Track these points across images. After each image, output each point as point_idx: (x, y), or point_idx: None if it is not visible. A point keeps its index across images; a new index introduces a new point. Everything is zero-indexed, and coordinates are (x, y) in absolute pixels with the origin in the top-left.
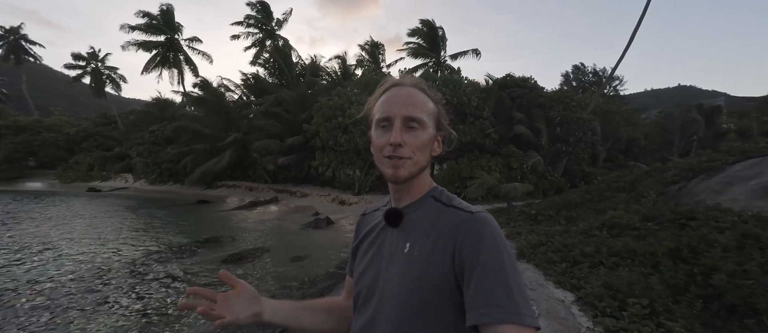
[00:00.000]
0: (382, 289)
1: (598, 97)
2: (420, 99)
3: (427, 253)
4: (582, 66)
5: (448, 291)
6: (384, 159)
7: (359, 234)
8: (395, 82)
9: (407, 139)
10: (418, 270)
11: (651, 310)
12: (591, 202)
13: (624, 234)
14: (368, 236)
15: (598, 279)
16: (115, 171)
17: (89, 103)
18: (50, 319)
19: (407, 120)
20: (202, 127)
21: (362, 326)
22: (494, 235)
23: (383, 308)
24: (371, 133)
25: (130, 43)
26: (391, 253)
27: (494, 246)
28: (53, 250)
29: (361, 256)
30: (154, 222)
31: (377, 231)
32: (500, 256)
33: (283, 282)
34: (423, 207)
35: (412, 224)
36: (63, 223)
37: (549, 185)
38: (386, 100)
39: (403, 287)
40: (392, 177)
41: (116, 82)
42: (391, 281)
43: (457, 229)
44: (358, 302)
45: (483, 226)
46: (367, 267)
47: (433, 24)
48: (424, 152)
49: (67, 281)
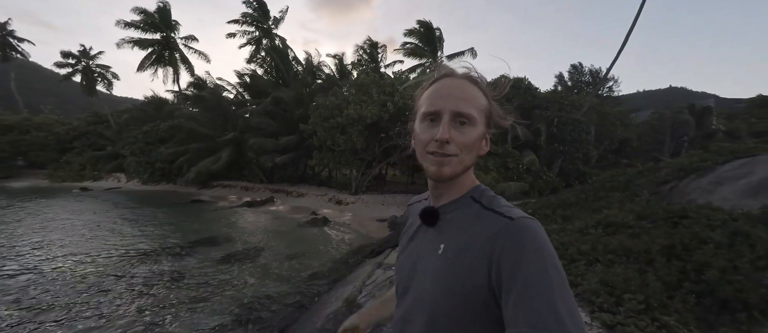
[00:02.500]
0: (416, 286)
1: (592, 98)
2: (472, 93)
3: (462, 258)
4: (580, 65)
5: (482, 302)
6: (427, 155)
7: (405, 224)
8: (447, 72)
9: (455, 136)
10: (451, 274)
11: (646, 305)
12: (586, 201)
13: (619, 232)
14: (410, 229)
15: (594, 276)
16: (108, 170)
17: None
18: (42, 323)
19: (456, 115)
20: (198, 126)
21: (399, 318)
22: (538, 245)
23: (417, 306)
24: (414, 126)
25: (125, 41)
26: (427, 253)
27: (537, 258)
28: (42, 251)
29: (402, 248)
30: (148, 222)
31: (416, 227)
32: (545, 269)
33: (281, 280)
34: (461, 207)
35: (448, 225)
36: (53, 223)
37: (545, 184)
38: (435, 92)
39: (435, 289)
40: (435, 175)
41: (108, 80)
42: (425, 281)
43: (495, 237)
44: (397, 292)
45: (524, 234)
46: (404, 261)
47: (430, 24)
48: (472, 151)
49: (57, 284)
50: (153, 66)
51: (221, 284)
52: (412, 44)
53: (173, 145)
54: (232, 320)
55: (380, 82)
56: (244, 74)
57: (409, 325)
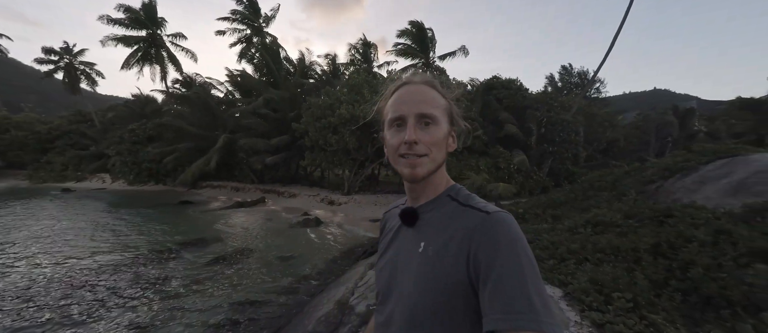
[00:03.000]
0: (397, 287)
1: (581, 99)
2: (431, 95)
3: (442, 254)
4: (570, 67)
5: (463, 294)
6: (399, 158)
7: (382, 232)
8: (405, 81)
9: (422, 137)
10: (432, 271)
11: (634, 303)
12: (575, 200)
13: (607, 231)
14: (388, 234)
15: (584, 275)
16: (91, 171)
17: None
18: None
19: (420, 117)
20: (186, 126)
21: (380, 324)
22: (512, 237)
23: (398, 307)
24: (384, 134)
25: (109, 38)
26: (406, 252)
27: (512, 249)
28: (23, 254)
29: (381, 254)
30: (135, 223)
31: (395, 229)
32: (518, 259)
33: (271, 282)
34: (439, 206)
35: (427, 224)
36: (35, 225)
37: (535, 184)
38: (398, 99)
39: (416, 287)
40: (410, 176)
41: (92, 78)
42: (406, 281)
43: (472, 231)
44: (378, 298)
45: (500, 227)
46: (385, 265)
47: (422, 25)
48: (440, 148)
49: (40, 288)
50: (139, 64)
51: (210, 287)
52: (405, 45)
53: (161, 145)
54: (222, 324)
55: (372, 82)
56: (235, 73)
57: (392, 325)
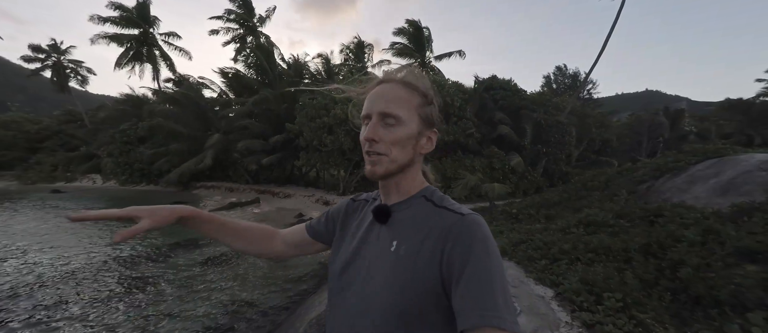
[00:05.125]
0: (365, 283)
1: (574, 100)
2: (401, 94)
3: (415, 254)
4: (564, 67)
5: (434, 293)
6: (365, 155)
7: (347, 216)
8: (383, 79)
9: (382, 135)
10: (404, 270)
11: (624, 303)
12: (568, 200)
13: (599, 231)
14: (353, 224)
15: (575, 275)
16: (82, 171)
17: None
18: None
19: (383, 116)
20: (178, 126)
21: (336, 316)
22: (484, 239)
23: (364, 303)
24: None
25: (99, 36)
26: (376, 250)
27: (483, 250)
28: (12, 254)
29: (342, 241)
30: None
31: (366, 224)
32: (489, 260)
33: (264, 284)
34: (413, 206)
35: (400, 223)
36: (24, 226)
37: (529, 185)
38: (369, 98)
39: (387, 286)
40: (368, 173)
41: (82, 76)
42: (376, 277)
43: (447, 232)
44: (333, 290)
45: (473, 229)
46: (350, 257)
47: (419, 24)
48: (403, 149)
49: (30, 289)
50: (131, 62)
51: (202, 288)
52: (401, 44)
53: (153, 145)
54: (212, 326)
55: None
56: (228, 72)
57: (357, 324)
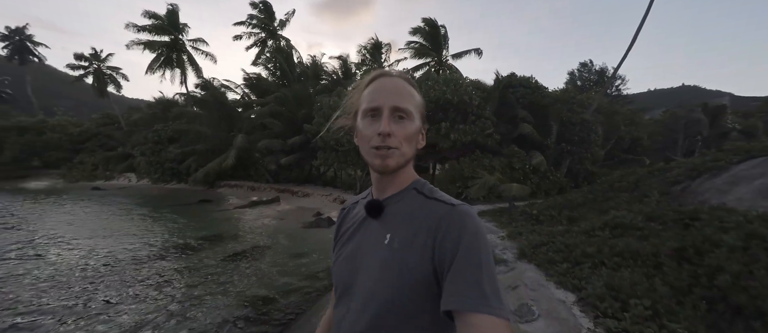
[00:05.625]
0: (361, 280)
1: (600, 97)
2: (408, 90)
3: (408, 246)
4: (590, 63)
5: (427, 283)
6: (371, 150)
7: (340, 227)
8: (382, 73)
9: (395, 130)
10: (398, 262)
11: (653, 311)
12: (594, 202)
13: (626, 234)
14: (349, 229)
15: (599, 279)
16: (119, 170)
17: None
18: (54, 318)
19: (395, 110)
20: (203, 128)
21: (342, 318)
22: (474, 229)
23: (362, 299)
24: (357, 124)
25: (134, 43)
26: (371, 245)
27: (473, 239)
28: (55, 246)
29: (341, 248)
30: (157, 220)
31: (358, 222)
32: (478, 249)
33: (283, 279)
34: (405, 199)
35: (393, 216)
36: (68, 221)
37: (551, 185)
38: (374, 90)
39: (382, 278)
40: (380, 167)
41: (117, 81)
42: (372, 273)
43: (438, 222)
44: (337, 293)
45: (464, 219)
46: (346, 258)
47: (435, 23)
48: (411, 144)
49: (69, 279)
50: (161, 68)
51: (225, 282)
52: (418, 44)
53: (181, 146)
54: (235, 318)
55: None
56: (250, 75)
57: (357, 320)
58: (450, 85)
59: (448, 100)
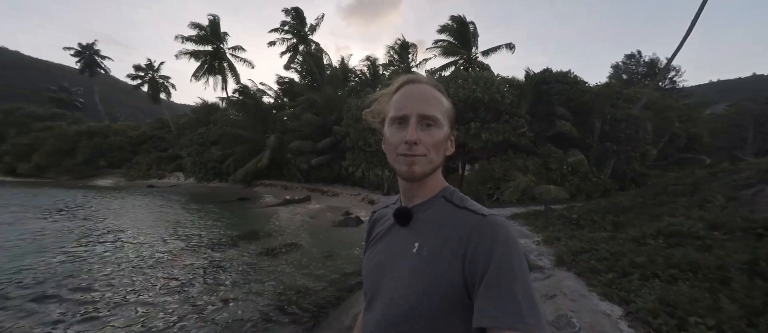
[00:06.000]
0: (390, 287)
1: (651, 91)
2: (435, 97)
3: (437, 255)
4: (638, 54)
5: (457, 294)
6: (398, 157)
7: (371, 232)
8: (410, 79)
9: (422, 137)
10: (427, 271)
11: (718, 331)
12: (643, 206)
13: (684, 244)
14: (378, 234)
15: (652, 293)
16: (169, 170)
17: (147, 109)
18: (109, 305)
19: (422, 118)
20: (241, 131)
21: (369, 322)
22: (507, 240)
23: (390, 307)
24: (384, 131)
25: (182, 53)
26: (399, 252)
27: (507, 251)
28: (114, 237)
29: (371, 254)
30: (203, 216)
31: (387, 229)
32: (511, 261)
33: (313, 277)
34: (433, 207)
35: (421, 224)
36: (125, 215)
37: (594, 187)
38: (401, 97)
39: (410, 287)
40: (407, 174)
41: (169, 89)
42: (399, 280)
43: (469, 233)
44: (366, 298)
45: (496, 230)
46: (375, 264)
47: (464, 19)
48: (439, 151)
49: (123, 268)
50: (205, 75)
51: (259, 276)
52: (446, 42)
53: (222, 147)
54: (268, 311)
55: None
56: (283, 79)
57: (383, 328)
58: (480, 83)
59: (478, 98)
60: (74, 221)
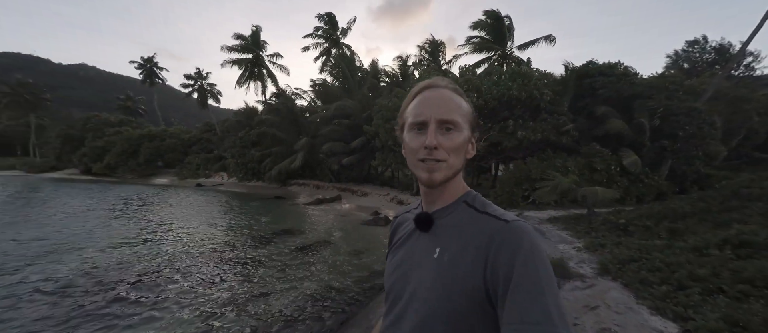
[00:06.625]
0: (410, 292)
1: (721, 80)
2: (455, 101)
3: (458, 261)
4: (703, 39)
5: (478, 302)
6: (418, 163)
7: (393, 237)
8: (428, 85)
9: (442, 142)
10: (448, 277)
11: None
12: (707, 212)
13: (758, 256)
14: (400, 239)
15: (715, 310)
16: (215, 170)
17: (197, 114)
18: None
19: (442, 123)
20: (277, 132)
21: (388, 327)
22: (531, 247)
23: (410, 313)
24: (404, 137)
25: (226, 62)
26: (421, 257)
27: (530, 259)
28: (166, 229)
29: (392, 258)
30: (245, 214)
31: (408, 233)
32: (536, 269)
33: (343, 275)
34: (455, 212)
35: (442, 229)
36: (177, 210)
37: (647, 190)
38: (420, 103)
39: (431, 294)
40: (427, 181)
41: (215, 96)
42: (420, 286)
43: (490, 239)
44: (387, 303)
45: (519, 236)
46: (396, 268)
47: (498, 14)
48: (459, 155)
49: (170, 259)
50: (247, 81)
51: (293, 272)
52: (479, 38)
53: (260, 149)
54: (300, 306)
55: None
56: (316, 83)
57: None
58: (517, 79)
59: (513, 96)
60: (148, 214)
